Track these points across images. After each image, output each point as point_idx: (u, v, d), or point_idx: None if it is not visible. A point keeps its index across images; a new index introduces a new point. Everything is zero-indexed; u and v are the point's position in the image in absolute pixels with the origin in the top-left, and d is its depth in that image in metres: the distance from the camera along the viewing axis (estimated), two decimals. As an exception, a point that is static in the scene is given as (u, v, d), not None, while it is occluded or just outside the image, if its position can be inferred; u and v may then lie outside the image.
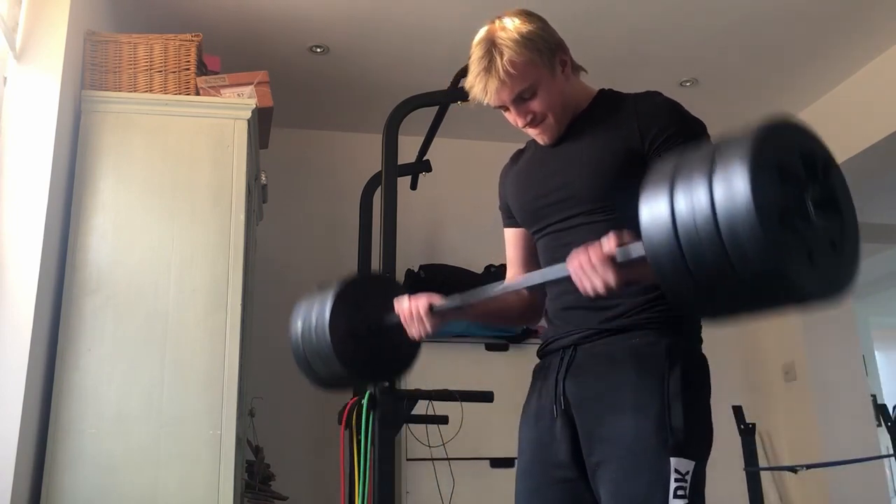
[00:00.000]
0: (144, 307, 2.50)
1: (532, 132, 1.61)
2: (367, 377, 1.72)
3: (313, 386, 1.70)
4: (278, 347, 3.88)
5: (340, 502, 2.76)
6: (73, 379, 2.40)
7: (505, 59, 1.48)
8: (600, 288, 1.24)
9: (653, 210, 1.08)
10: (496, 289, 1.47)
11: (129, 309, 2.49)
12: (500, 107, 1.56)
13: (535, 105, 1.54)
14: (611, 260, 1.22)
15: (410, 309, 1.53)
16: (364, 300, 1.66)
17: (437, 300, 1.55)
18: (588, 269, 1.23)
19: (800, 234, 1.02)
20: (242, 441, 2.78)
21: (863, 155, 3.85)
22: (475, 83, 1.52)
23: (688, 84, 3.90)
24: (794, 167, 1.05)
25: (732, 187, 0.99)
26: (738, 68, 3.80)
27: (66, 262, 2.50)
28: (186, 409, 2.44)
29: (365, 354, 1.64)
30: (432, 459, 3.19)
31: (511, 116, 1.58)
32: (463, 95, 3.17)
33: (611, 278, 1.22)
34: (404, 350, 1.70)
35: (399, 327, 1.56)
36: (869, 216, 5.30)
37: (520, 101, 1.54)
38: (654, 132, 1.47)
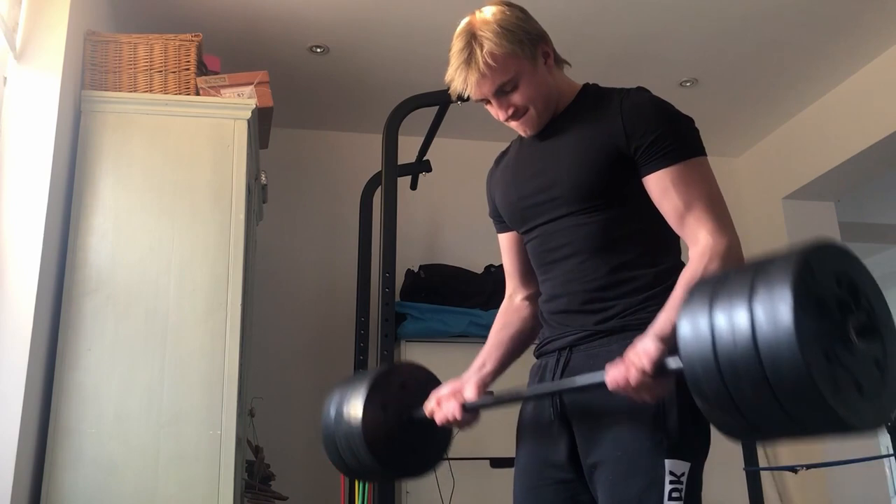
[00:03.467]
0: (144, 307, 2.50)
1: (514, 125, 1.58)
2: (396, 471, 1.71)
3: (341, 472, 1.68)
4: (278, 347, 3.92)
5: (340, 502, 2.76)
6: (73, 379, 2.40)
7: (485, 50, 1.46)
8: (649, 400, 1.27)
9: (693, 327, 1.08)
10: (528, 390, 1.49)
11: (128, 309, 2.49)
12: (482, 100, 1.54)
13: (517, 98, 1.51)
14: (648, 377, 1.23)
15: (444, 413, 1.53)
16: (397, 390, 1.64)
17: (470, 394, 1.54)
18: (629, 388, 1.25)
19: (843, 362, 1.00)
20: (242, 441, 2.78)
21: (863, 155, 3.85)
22: (455, 76, 1.51)
23: (688, 84, 3.90)
24: (834, 293, 1.04)
25: (775, 318, 0.98)
26: (738, 68, 3.80)
27: (65, 262, 2.50)
28: (186, 409, 2.44)
29: (396, 447, 1.61)
30: (438, 464, 3.19)
31: (493, 110, 1.56)
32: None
33: (654, 393, 1.26)
34: (436, 443, 1.68)
35: (431, 421, 1.56)
36: (869, 216, 5.30)
37: (501, 93, 1.51)
38: (640, 134, 1.44)
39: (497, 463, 3.46)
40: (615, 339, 1.44)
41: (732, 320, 1.02)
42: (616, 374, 1.25)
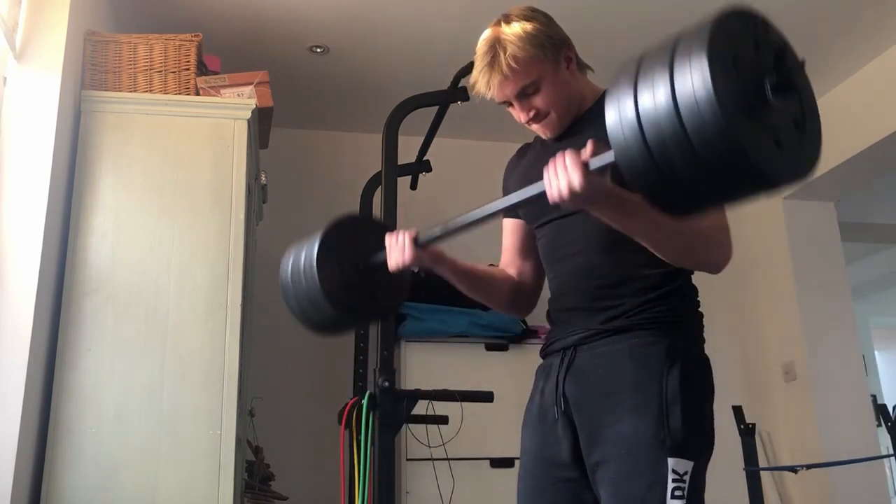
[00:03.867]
0: (144, 307, 2.50)
1: (535, 128, 1.61)
2: (360, 317, 1.72)
3: (307, 330, 1.68)
4: (278, 347, 3.91)
5: (340, 502, 2.76)
6: (73, 379, 2.40)
7: (508, 53, 1.49)
8: (565, 190, 1.21)
9: (618, 110, 1.10)
10: (477, 212, 1.46)
11: (128, 309, 2.49)
12: (504, 102, 1.57)
13: (539, 101, 1.54)
14: (583, 164, 1.20)
15: (396, 236, 1.53)
16: (354, 241, 1.65)
17: (421, 233, 1.55)
18: (560, 170, 1.22)
19: (762, 119, 1.04)
20: (242, 441, 2.78)
21: (863, 155, 3.85)
22: (479, 78, 1.54)
23: (688, 84, 3.90)
24: (751, 56, 1.07)
25: (693, 83, 1.00)
26: (738, 68, 3.79)
27: (65, 262, 2.50)
28: (186, 409, 2.44)
29: (355, 296, 1.62)
30: (432, 459, 3.19)
31: (515, 112, 1.59)
32: (463, 95, 3.20)
33: (576, 180, 1.20)
34: (394, 288, 1.69)
35: (387, 266, 1.56)
36: (869, 216, 5.30)
37: (523, 96, 1.54)
38: None
39: (497, 463, 3.46)
40: (621, 339, 1.45)
41: (655, 93, 1.05)
42: (554, 161, 1.24)
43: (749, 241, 4.44)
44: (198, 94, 2.78)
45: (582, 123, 1.59)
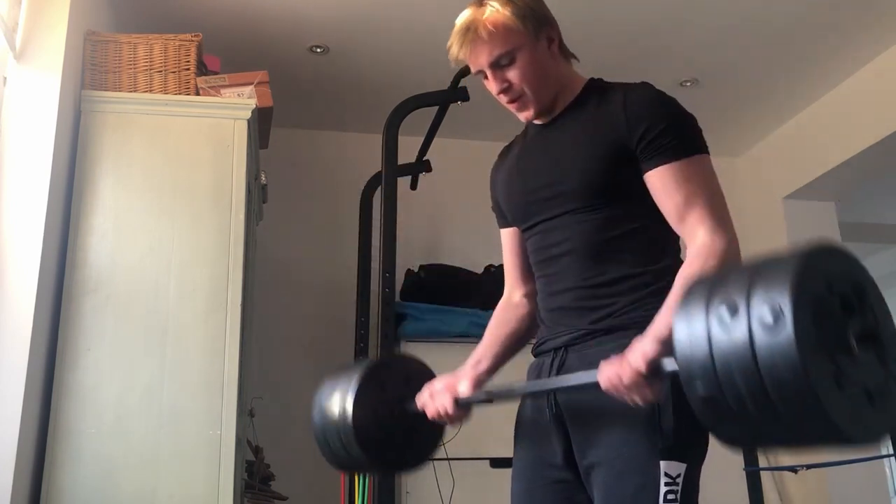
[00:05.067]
0: (144, 307, 2.50)
1: (513, 108, 1.57)
2: (388, 465, 1.69)
3: (332, 466, 1.66)
4: (278, 347, 3.91)
5: (340, 502, 2.76)
6: (72, 379, 2.40)
7: (486, 17, 1.48)
8: (622, 391, 1.23)
9: (689, 329, 1.05)
10: (521, 386, 1.46)
11: (128, 309, 2.49)
12: (479, 72, 1.54)
13: (513, 74, 1.51)
14: (643, 378, 1.21)
15: (437, 407, 1.52)
16: (389, 383, 1.62)
17: (464, 389, 1.54)
18: (622, 388, 1.23)
19: (845, 373, 0.97)
20: (242, 441, 2.78)
21: (863, 155, 3.85)
22: (454, 41, 1.52)
23: (688, 84, 3.90)
24: (836, 300, 1.01)
25: (774, 322, 0.95)
26: (738, 68, 3.80)
27: (65, 262, 2.50)
28: (186, 408, 2.44)
29: (388, 442, 1.59)
30: (432, 459, 3.19)
31: (489, 84, 1.55)
32: (463, 95, 3.20)
33: (647, 395, 1.23)
34: (428, 437, 1.66)
35: (423, 415, 1.55)
36: (869, 216, 5.30)
37: (497, 66, 1.51)
38: (643, 129, 1.43)
39: (497, 463, 3.45)
40: (610, 339, 1.43)
41: (729, 322, 1.00)
42: (609, 373, 1.24)
43: (749, 241, 4.40)
44: (198, 94, 2.78)
45: (571, 113, 1.55)
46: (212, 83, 2.81)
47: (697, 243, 1.39)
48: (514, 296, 1.71)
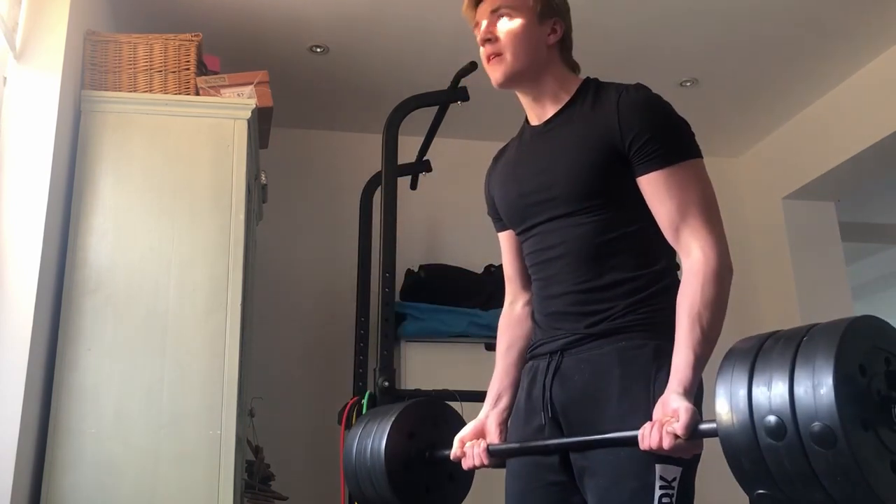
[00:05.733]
0: (144, 307, 2.50)
1: (486, 65, 1.59)
2: None
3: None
4: (278, 347, 3.91)
5: (340, 502, 2.76)
6: (73, 379, 2.40)
7: None
8: (656, 447, 1.25)
9: (731, 400, 1.06)
10: (554, 443, 1.48)
11: (128, 309, 2.49)
12: (476, 26, 1.58)
13: (502, 29, 1.55)
14: (682, 441, 1.23)
15: (472, 462, 1.57)
16: (422, 426, 1.69)
17: (493, 437, 1.59)
18: (662, 451, 1.25)
19: (891, 450, 0.98)
20: (242, 441, 2.78)
21: (863, 155, 3.85)
22: None
23: (688, 84, 3.90)
24: (880, 375, 1.02)
25: (816, 393, 0.96)
26: (738, 68, 3.80)
27: (65, 262, 2.50)
28: (186, 409, 2.44)
29: (418, 484, 1.65)
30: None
31: (477, 32, 1.59)
32: (463, 95, 3.20)
33: (686, 454, 1.26)
34: (456, 483, 1.72)
35: (453, 461, 1.60)
36: (869, 216, 5.30)
37: (493, 14, 1.55)
38: (634, 133, 1.42)
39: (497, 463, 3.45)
40: (606, 343, 1.43)
41: (771, 387, 1.01)
42: (649, 439, 1.25)
43: (749, 241, 4.44)
44: (198, 94, 2.78)
45: (565, 115, 1.55)
46: (212, 83, 2.82)
47: (692, 258, 1.39)
48: (516, 305, 1.70)
